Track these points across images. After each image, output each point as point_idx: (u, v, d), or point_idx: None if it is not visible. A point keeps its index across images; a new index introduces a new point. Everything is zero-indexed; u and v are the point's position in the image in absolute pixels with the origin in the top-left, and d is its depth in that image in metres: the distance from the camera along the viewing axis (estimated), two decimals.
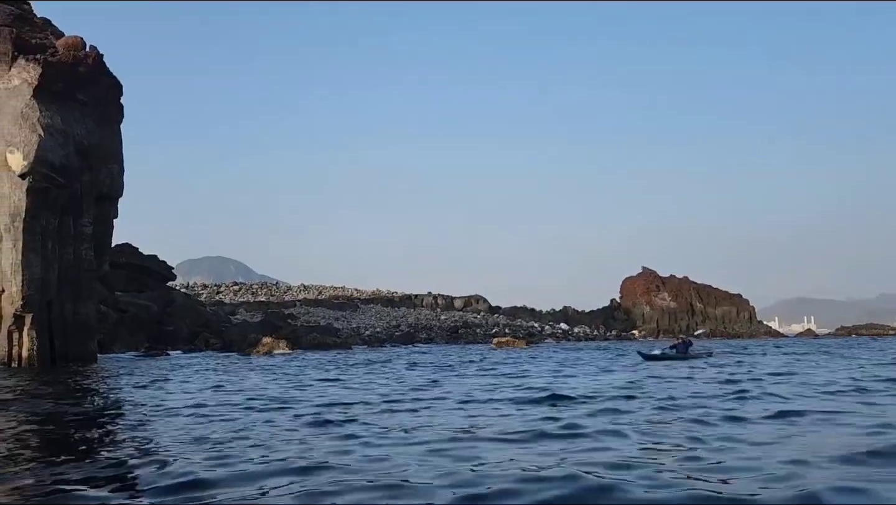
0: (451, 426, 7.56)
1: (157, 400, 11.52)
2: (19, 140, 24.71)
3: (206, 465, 5.57)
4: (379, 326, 62.87)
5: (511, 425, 7.54)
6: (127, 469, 5.58)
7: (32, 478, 5.22)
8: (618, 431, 7.02)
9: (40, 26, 28.86)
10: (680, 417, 8.19)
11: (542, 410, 9.20)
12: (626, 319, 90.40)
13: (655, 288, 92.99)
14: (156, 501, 4.52)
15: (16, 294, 24.21)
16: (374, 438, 6.77)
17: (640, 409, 9.09)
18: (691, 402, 9.86)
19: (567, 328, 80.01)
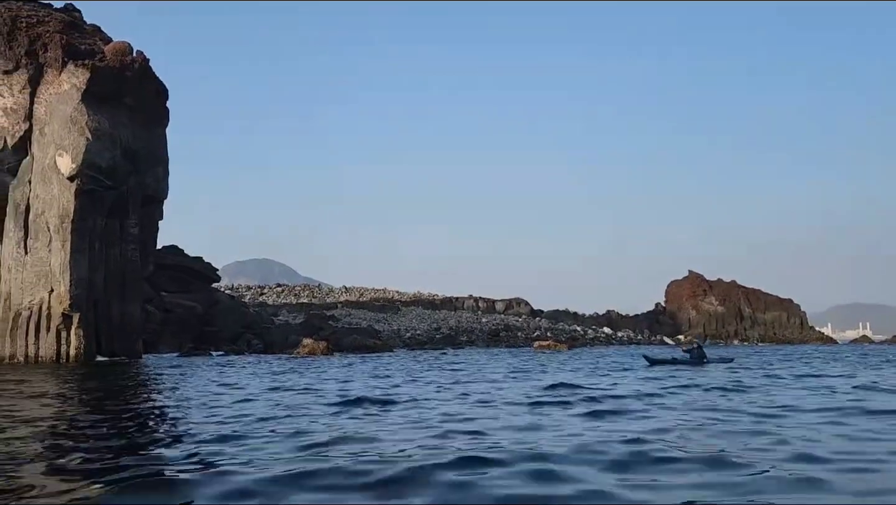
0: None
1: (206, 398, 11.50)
2: (68, 143, 25.34)
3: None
4: (420, 328, 62.83)
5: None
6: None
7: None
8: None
9: (90, 33, 29.62)
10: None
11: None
12: (672, 323, 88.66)
13: (702, 292, 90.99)
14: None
15: (64, 294, 24.80)
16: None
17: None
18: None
19: (610, 332, 78.80)
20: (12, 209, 25.77)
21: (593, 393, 11.55)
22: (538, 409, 9.11)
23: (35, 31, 27.27)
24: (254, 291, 72.87)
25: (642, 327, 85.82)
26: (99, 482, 4.76)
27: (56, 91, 26.42)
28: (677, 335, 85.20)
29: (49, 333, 24.85)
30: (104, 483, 4.72)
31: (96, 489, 4.59)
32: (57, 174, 25.30)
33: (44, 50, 27.01)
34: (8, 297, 25.41)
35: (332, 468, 5.04)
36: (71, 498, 4.32)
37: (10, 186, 26.05)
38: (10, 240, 25.63)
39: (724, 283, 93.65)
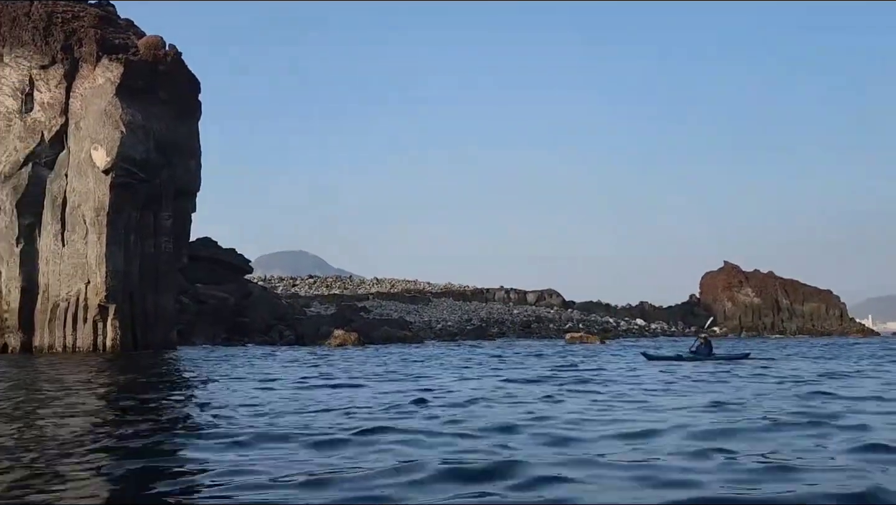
0: None
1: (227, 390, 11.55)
2: (103, 137, 25.66)
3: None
4: (451, 319, 62.76)
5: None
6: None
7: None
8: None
9: (123, 27, 29.91)
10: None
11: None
12: (706, 315, 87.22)
13: (738, 283, 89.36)
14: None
15: (100, 285, 25.19)
16: None
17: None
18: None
19: (643, 324, 77.90)
20: (49, 202, 26.22)
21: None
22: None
23: (70, 27, 27.62)
24: (286, 283, 73.51)
25: (676, 319, 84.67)
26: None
27: (91, 85, 26.75)
28: (713, 326, 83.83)
29: (86, 323, 25.28)
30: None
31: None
32: (92, 167, 25.65)
33: (79, 45, 27.36)
34: (46, 288, 25.89)
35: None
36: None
37: (48, 180, 26.49)
38: (48, 232, 26.09)
39: (761, 274, 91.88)
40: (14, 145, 26.58)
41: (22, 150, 26.50)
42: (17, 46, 27.16)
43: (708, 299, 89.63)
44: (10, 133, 26.79)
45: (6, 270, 25.88)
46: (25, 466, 5.19)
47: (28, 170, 26.35)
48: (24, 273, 25.76)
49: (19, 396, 10.65)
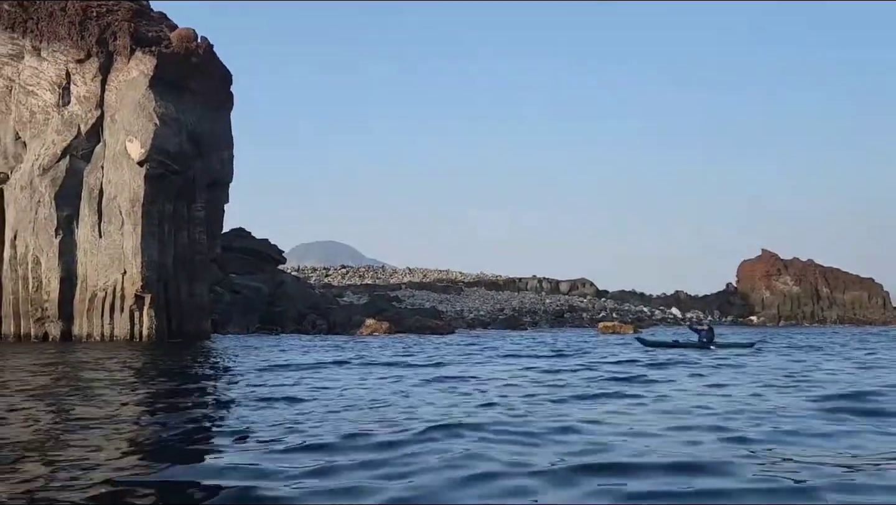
0: None
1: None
2: (137, 129, 26.00)
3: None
4: (483, 309, 62.66)
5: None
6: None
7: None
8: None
9: (156, 20, 30.20)
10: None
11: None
12: (744, 304, 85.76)
13: (776, 272, 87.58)
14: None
15: (136, 276, 25.59)
16: None
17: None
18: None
19: (678, 313, 76.85)
20: (87, 194, 26.70)
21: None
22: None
23: (105, 20, 27.98)
24: (319, 273, 74.14)
25: (712, 308, 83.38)
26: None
27: (125, 78, 27.11)
28: (750, 316, 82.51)
29: (123, 313, 25.74)
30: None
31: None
32: (127, 159, 26.03)
33: (113, 38, 27.72)
34: (84, 278, 26.41)
35: None
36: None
37: (85, 172, 26.97)
38: (86, 224, 26.58)
39: (800, 262, 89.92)
40: (52, 138, 27.10)
41: (60, 143, 27.00)
42: (54, 41, 27.63)
43: (745, 288, 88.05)
44: (49, 126, 27.33)
45: (46, 261, 26.47)
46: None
47: (66, 162, 26.85)
48: (63, 263, 26.31)
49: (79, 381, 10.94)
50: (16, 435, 6.06)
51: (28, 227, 26.75)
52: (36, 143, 27.34)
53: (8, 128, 27.85)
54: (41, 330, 26.44)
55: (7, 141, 27.81)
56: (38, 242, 26.63)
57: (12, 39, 27.98)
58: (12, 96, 27.97)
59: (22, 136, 27.70)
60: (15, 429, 6.42)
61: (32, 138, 27.49)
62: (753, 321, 79.12)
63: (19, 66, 27.90)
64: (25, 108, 27.73)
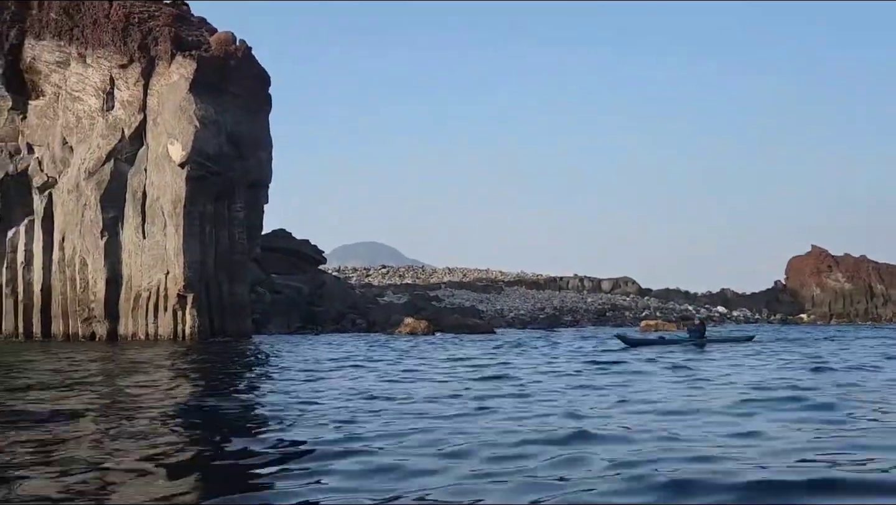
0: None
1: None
2: (178, 132, 26.49)
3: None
4: (523, 308, 62.23)
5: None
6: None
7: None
8: None
9: (196, 25, 30.75)
10: None
11: None
12: (793, 301, 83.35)
13: (827, 268, 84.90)
14: None
15: (178, 276, 26.07)
16: None
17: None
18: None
19: (725, 311, 75.16)
20: (130, 196, 27.31)
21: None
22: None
23: (147, 26, 28.60)
24: (360, 273, 74.62)
25: (760, 306, 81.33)
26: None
27: (166, 82, 27.65)
28: (800, 314, 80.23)
29: (166, 312, 26.24)
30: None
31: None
32: (169, 161, 26.54)
33: (154, 43, 28.30)
34: (129, 279, 27.02)
35: None
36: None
37: (129, 175, 27.59)
38: (130, 225, 27.19)
39: (852, 258, 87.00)
40: (97, 143, 27.80)
41: (104, 147, 27.68)
42: (98, 47, 28.34)
43: (794, 285, 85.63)
44: (94, 131, 28.04)
45: (92, 262, 27.15)
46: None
47: (110, 165, 27.51)
48: (109, 265, 26.95)
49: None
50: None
51: (75, 229, 27.49)
52: (82, 148, 28.08)
53: (56, 133, 28.67)
54: (88, 329, 27.14)
55: (55, 146, 28.63)
56: (84, 244, 27.34)
57: (59, 47, 28.80)
58: (59, 102, 28.79)
59: (69, 141, 28.48)
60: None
61: (79, 143, 28.24)
62: (804, 319, 76.87)
63: (66, 72, 28.70)
64: (72, 114, 28.51)
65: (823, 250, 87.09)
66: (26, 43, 28.93)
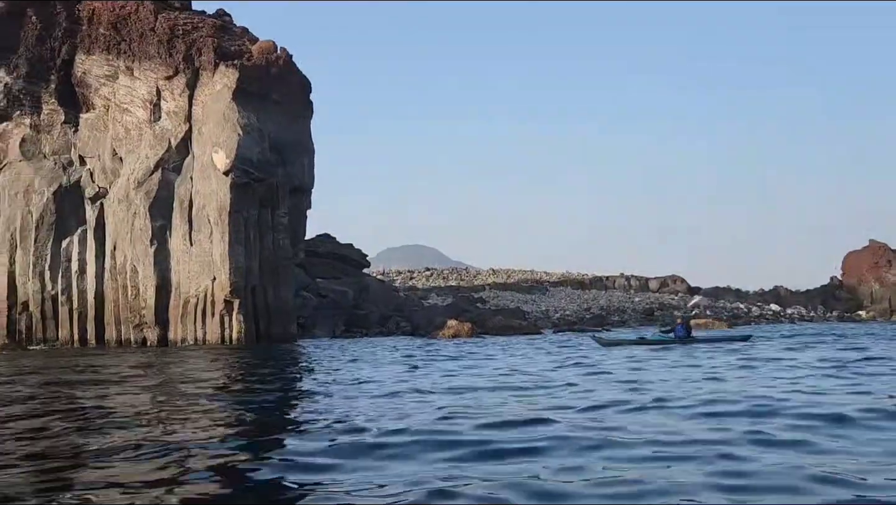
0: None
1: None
2: (222, 140, 26.94)
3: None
4: (569, 308, 61.54)
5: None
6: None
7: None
8: None
9: (239, 34, 31.26)
10: None
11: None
12: (851, 298, 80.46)
13: (886, 263, 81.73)
14: None
15: (225, 281, 26.49)
16: None
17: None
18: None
19: (778, 309, 72.98)
20: (178, 205, 27.88)
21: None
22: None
23: (191, 38, 29.17)
24: (404, 276, 74.88)
25: (815, 304, 78.75)
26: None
27: (210, 92, 28.15)
28: (858, 311, 77.46)
29: (213, 318, 26.69)
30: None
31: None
32: (214, 170, 27.00)
33: (198, 54, 28.85)
34: (178, 286, 27.56)
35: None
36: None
37: (176, 184, 28.17)
38: (178, 233, 27.75)
39: None
40: (145, 153, 28.46)
41: (152, 158, 28.32)
42: (145, 60, 29.02)
43: (852, 281, 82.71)
44: (142, 142, 28.71)
45: (142, 270, 27.79)
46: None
47: (158, 175, 28.13)
48: (158, 272, 27.54)
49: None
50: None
51: (125, 237, 28.17)
52: (131, 158, 28.78)
53: (106, 145, 29.45)
54: (140, 335, 27.77)
55: (105, 157, 29.40)
56: (135, 252, 28.00)
57: (108, 61, 29.57)
58: (109, 115, 29.56)
59: (118, 152, 29.22)
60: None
61: (128, 154, 28.95)
62: (862, 316, 74.15)
63: (114, 85, 29.46)
64: (121, 126, 29.24)
65: (882, 245, 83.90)
66: (77, 58, 29.80)
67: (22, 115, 30.06)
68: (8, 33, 29.82)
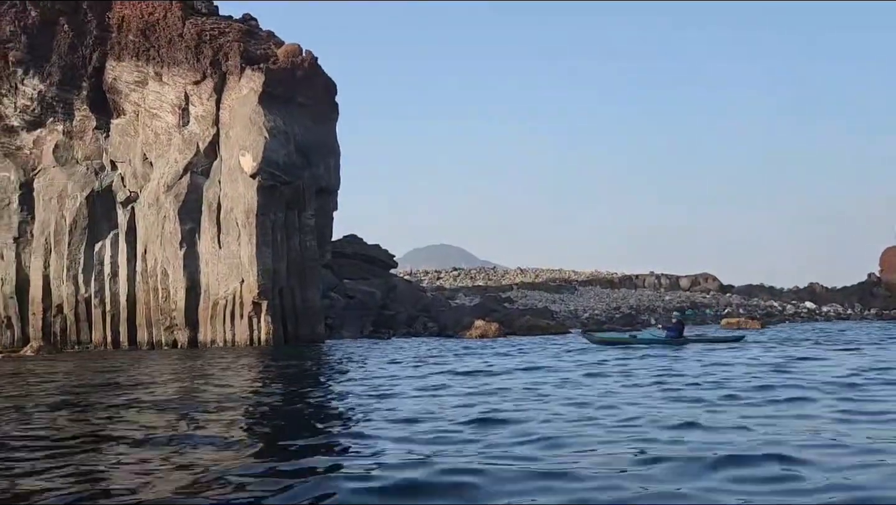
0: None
1: None
2: (249, 143, 27.19)
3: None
4: (598, 308, 61.01)
5: None
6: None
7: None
8: None
9: (264, 38, 31.52)
10: None
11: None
12: (889, 295, 78.42)
13: None
14: None
15: (253, 283, 26.74)
16: None
17: None
18: None
19: (813, 307, 71.47)
20: (206, 208, 28.21)
21: None
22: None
23: (217, 43, 29.50)
24: (431, 276, 74.91)
25: (852, 301, 76.98)
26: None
27: (237, 96, 28.44)
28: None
29: (242, 319, 26.96)
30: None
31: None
32: (241, 173, 27.27)
33: (225, 59, 29.16)
34: (207, 288, 27.90)
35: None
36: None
37: (204, 187, 28.51)
38: (206, 236, 28.09)
39: None
40: (174, 157, 28.86)
41: (181, 162, 28.71)
42: (174, 66, 29.41)
43: (891, 278, 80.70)
44: (171, 146, 29.12)
45: (172, 272, 28.18)
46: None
47: (187, 179, 28.50)
48: (188, 274, 27.90)
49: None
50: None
51: (156, 240, 28.60)
52: (161, 163, 29.21)
53: (136, 150, 29.92)
54: (171, 337, 28.17)
55: (136, 162, 29.88)
56: (165, 255, 28.41)
57: (137, 67, 30.04)
58: (139, 120, 30.03)
59: (148, 156, 29.67)
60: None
61: (157, 158, 29.38)
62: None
63: (144, 91, 29.92)
64: (151, 131, 29.69)
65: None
66: (107, 65, 30.32)
67: (55, 122, 30.69)
68: (41, 42, 30.47)
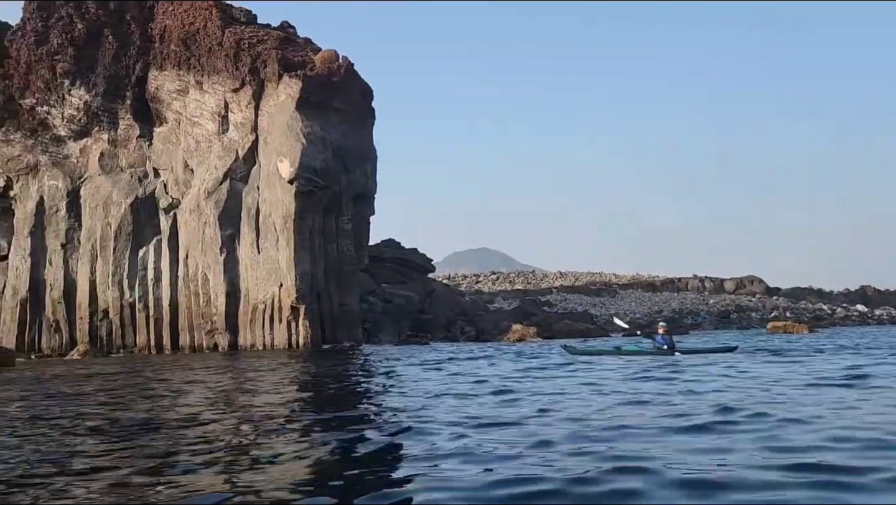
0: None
1: None
2: (286, 149, 27.45)
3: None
4: (639, 311, 60.04)
5: None
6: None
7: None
8: None
9: (301, 45, 31.86)
10: None
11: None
12: None
13: None
14: None
15: (291, 288, 26.96)
16: None
17: None
18: None
19: (865, 310, 69.23)
20: (245, 213, 28.58)
21: None
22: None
23: (256, 50, 29.88)
24: (470, 280, 74.77)
25: None
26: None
27: (275, 102, 28.77)
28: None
29: (281, 323, 27.20)
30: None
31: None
32: (279, 179, 27.55)
33: (263, 66, 29.52)
34: (247, 292, 28.24)
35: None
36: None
37: (243, 193, 28.90)
38: (246, 241, 28.45)
39: None
40: (214, 164, 29.32)
41: (221, 168, 29.15)
42: (213, 74, 29.91)
43: None
44: (211, 153, 29.60)
45: (213, 277, 28.60)
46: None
47: (227, 185, 28.92)
48: (228, 279, 28.29)
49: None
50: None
51: (197, 246, 29.07)
52: (201, 170, 29.70)
53: (178, 157, 30.50)
54: (212, 341, 28.58)
55: (178, 169, 30.45)
56: (206, 260, 28.86)
57: (179, 76, 30.64)
58: (180, 128, 30.61)
59: (189, 163, 30.21)
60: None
61: (198, 165, 29.90)
62: None
63: (185, 100, 30.49)
64: (192, 138, 30.23)
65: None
66: (150, 75, 31.00)
67: (100, 131, 31.48)
68: (87, 54, 31.32)
